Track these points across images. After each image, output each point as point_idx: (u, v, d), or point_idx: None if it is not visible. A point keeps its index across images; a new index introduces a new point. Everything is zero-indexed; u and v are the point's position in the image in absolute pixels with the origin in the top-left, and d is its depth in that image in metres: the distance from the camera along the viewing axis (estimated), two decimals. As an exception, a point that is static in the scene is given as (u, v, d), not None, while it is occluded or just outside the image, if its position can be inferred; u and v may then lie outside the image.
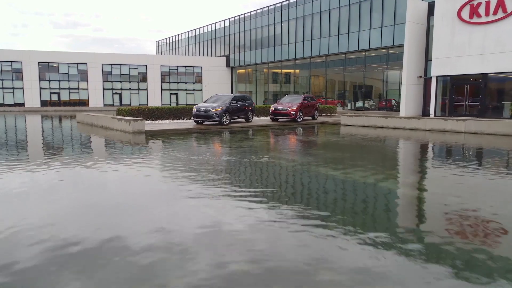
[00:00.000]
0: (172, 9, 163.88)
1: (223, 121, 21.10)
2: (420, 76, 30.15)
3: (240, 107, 22.77)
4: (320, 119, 27.16)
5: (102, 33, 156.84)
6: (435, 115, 28.24)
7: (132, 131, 17.92)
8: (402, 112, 29.66)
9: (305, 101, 24.91)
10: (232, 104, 21.91)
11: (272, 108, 24.58)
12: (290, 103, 24.60)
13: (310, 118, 26.21)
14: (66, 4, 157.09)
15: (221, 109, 21.01)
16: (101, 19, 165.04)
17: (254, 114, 24.82)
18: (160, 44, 73.01)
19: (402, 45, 38.15)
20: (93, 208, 5.90)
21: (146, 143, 14.67)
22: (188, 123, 22.41)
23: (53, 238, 4.55)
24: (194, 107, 21.75)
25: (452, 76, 27.54)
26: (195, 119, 21.57)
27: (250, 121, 23.74)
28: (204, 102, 22.79)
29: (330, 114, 32.74)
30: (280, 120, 24.79)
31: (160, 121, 23.74)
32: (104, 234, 4.66)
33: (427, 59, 30.15)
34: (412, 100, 30.27)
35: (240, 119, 23.61)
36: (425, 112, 30.06)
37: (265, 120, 26.13)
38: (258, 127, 22.03)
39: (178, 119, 25.12)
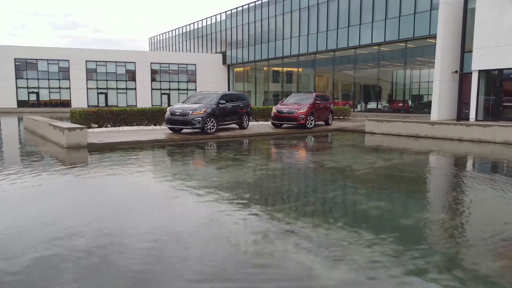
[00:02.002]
0: (171, 10, 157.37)
1: (207, 129, 14.67)
2: (456, 71, 23.65)
3: (232, 109, 16.35)
4: (335, 124, 20.72)
5: (101, 34, 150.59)
6: (475, 119, 21.82)
7: (66, 145, 11.50)
8: (434, 115, 23.19)
9: (317, 102, 18.46)
10: (220, 105, 15.49)
11: (274, 110, 18.08)
12: (297, 104, 18.16)
13: (323, 123, 19.79)
14: (65, 5, 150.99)
15: (204, 111, 14.57)
16: (101, 20, 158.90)
17: (251, 118, 18.40)
18: (153, 41, 66.38)
19: (424, 38, 31.68)
20: None
21: (65, 168, 8.24)
22: (161, 131, 16.00)
23: None
24: (168, 109, 15.26)
25: (500, 70, 21.09)
26: (169, 125, 15.13)
27: (245, 128, 17.32)
28: (182, 102, 16.33)
29: (344, 118, 26.33)
30: (284, 126, 18.40)
31: (126, 128, 17.28)
32: None
33: (464, 50, 23.70)
34: (444, 100, 23.81)
35: (233, 125, 17.21)
36: (461, 115, 23.62)
37: (265, 125, 19.70)
38: (255, 136, 15.61)
39: (156, 125, 18.66)
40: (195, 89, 49.26)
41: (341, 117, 25.96)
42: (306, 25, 40.10)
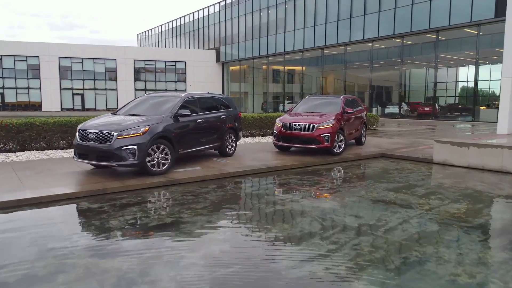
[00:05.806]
0: (170, 10, 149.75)
1: (152, 166, 7.19)
2: (533, 65, 16.16)
3: (205, 125, 8.82)
4: (369, 141, 13.25)
5: (98, 34, 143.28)
6: None
7: None
8: (504, 126, 15.66)
9: (347, 110, 10.93)
10: (181, 118, 7.97)
11: (279, 124, 10.43)
12: (317, 114, 10.59)
13: (353, 141, 12.33)
14: (63, 5, 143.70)
15: (144, 132, 7.03)
16: (98, 21, 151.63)
17: (240, 136, 10.81)
18: (142, 37, 58.80)
19: (462, 26, 24.20)
20: None
21: None
22: (77, 164, 8.48)
23: None
24: (78, 128, 7.73)
25: None
26: (77, 159, 7.59)
27: (230, 155, 9.78)
28: (113, 113, 8.79)
29: (369, 128, 18.85)
30: (294, 147, 10.93)
31: (27, 155, 9.75)
32: None
33: (541, 35, 16.24)
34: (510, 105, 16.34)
35: (210, 150, 9.68)
36: (537, 127, 16.15)
37: (263, 146, 12.17)
38: (246, 178, 8.06)
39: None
40: (185, 90, 41.71)
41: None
42: (312, 15, 32.56)
